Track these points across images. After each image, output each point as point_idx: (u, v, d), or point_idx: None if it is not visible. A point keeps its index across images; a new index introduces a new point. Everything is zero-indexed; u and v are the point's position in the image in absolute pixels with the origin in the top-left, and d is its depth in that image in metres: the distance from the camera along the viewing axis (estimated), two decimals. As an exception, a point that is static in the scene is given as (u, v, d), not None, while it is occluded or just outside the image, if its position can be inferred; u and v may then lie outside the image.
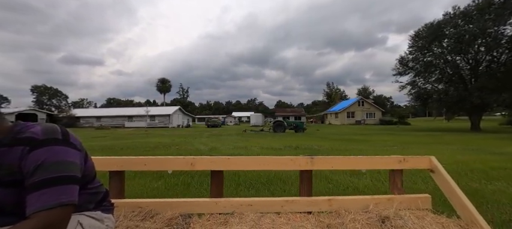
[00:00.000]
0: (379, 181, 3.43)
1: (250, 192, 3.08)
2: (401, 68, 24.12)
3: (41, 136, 0.76)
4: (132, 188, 3.13)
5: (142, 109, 31.23)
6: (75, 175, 0.78)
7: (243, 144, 9.28)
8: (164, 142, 10.14)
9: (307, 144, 9.02)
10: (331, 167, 1.57)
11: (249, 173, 3.71)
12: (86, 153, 0.92)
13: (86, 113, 34.83)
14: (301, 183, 1.57)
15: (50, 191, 0.71)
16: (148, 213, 1.37)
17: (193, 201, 1.49)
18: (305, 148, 7.91)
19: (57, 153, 0.76)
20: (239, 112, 73.55)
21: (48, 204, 0.69)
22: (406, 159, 1.58)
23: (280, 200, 1.51)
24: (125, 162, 1.49)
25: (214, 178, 1.54)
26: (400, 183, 1.59)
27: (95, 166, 1.02)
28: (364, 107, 40.32)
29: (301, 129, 18.74)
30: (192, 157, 1.53)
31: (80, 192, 0.81)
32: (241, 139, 11.47)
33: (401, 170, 1.60)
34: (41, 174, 0.72)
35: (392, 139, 11.65)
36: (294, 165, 1.54)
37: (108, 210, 1.03)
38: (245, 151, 7.26)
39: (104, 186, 1.07)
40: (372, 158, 1.59)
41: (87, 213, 0.93)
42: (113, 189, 1.46)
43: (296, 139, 11.91)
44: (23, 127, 0.80)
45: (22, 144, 0.75)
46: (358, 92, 74.53)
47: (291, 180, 3.50)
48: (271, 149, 7.67)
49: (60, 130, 0.81)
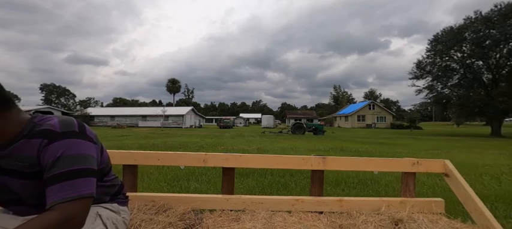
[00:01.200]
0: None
1: (261, 180, 3.26)
2: (418, 71, 24.08)
3: (59, 129, 0.77)
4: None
5: (159, 109, 31.44)
6: (93, 167, 0.80)
7: (282, 145, 9.34)
8: (198, 142, 10.22)
9: (348, 147, 9.05)
10: (343, 168, 1.57)
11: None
12: (101, 146, 0.92)
13: (100, 111, 35.07)
14: (312, 182, 1.57)
15: (69, 184, 0.72)
16: (162, 207, 1.38)
17: (205, 196, 1.52)
18: (349, 150, 7.94)
19: (75, 146, 0.77)
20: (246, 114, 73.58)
21: (68, 196, 0.70)
22: (419, 162, 1.56)
23: (291, 199, 1.51)
24: (139, 156, 1.52)
25: (225, 175, 1.55)
26: (413, 186, 1.58)
27: (111, 160, 1.03)
28: (374, 110, 40.20)
29: (320, 131, 18.73)
30: (204, 154, 1.54)
31: (96, 185, 0.82)
32: (271, 140, 11.52)
33: (414, 173, 1.58)
34: (60, 166, 0.73)
35: (420, 144, 11.62)
36: (306, 164, 1.54)
37: (123, 202, 1.05)
38: (294, 152, 7.32)
39: (119, 179, 1.07)
40: (384, 160, 1.58)
41: (104, 205, 0.95)
42: (127, 183, 1.49)
43: (327, 141, 11.94)
44: (41, 119, 0.81)
45: (40, 137, 0.75)
46: (365, 95, 74.40)
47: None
48: (318, 151, 7.72)
49: (76, 123, 0.82)
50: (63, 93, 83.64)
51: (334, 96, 72.02)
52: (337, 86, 72.97)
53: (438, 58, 22.26)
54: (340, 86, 72.82)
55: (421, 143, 11.76)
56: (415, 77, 24.33)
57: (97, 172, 0.82)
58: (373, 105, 40.77)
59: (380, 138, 15.42)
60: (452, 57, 21.74)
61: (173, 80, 49.33)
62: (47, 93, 79.80)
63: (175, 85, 49.44)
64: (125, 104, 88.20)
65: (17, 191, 0.78)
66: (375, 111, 40.10)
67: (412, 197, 1.55)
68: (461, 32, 20.09)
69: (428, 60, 23.31)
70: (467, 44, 20.19)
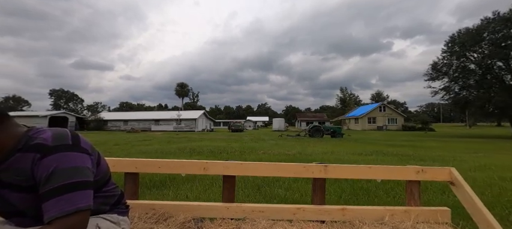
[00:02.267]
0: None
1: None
2: (434, 73, 23.89)
3: (51, 142, 0.76)
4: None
5: (174, 113, 31.63)
6: (89, 179, 0.79)
7: (318, 149, 9.28)
8: (229, 147, 10.22)
9: (383, 150, 8.96)
10: (346, 176, 1.55)
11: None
12: (98, 156, 0.92)
13: (113, 116, 35.42)
14: (313, 191, 1.55)
15: (65, 198, 0.72)
16: (162, 215, 1.38)
17: (205, 205, 1.51)
18: (391, 154, 7.86)
19: (69, 160, 0.76)
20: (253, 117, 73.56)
21: (65, 210, 0.71)
22: (424, 169, 1.52)
23: (292, 207, 1.49)
24: (140, 164, 1.52)
25: (226, 183, 1.54)
26: (418, 194, 1.54)
27: (111, 168, 1.02)
28: (385, 112, 39.90)
29: (339, 134, 18.63)
30: (205, 162, 1.54)
31: (95, 195, 0.81)
32: (301, 144, 11.48)
33: (418, 181, 1.55)
34: (55, 181, 0.72)
35: (451, 146, 11.47)
36: (307, 172, 1.52)
37: (123, 212, 1.04)
38: (333, 156, 7.27)
39: (119, 188, 1.06)
40: (387, 168, 1.55)
41: (104, 216, 0.94)
42: (128, 190, 1.48)
43: (356, 145, 11.85)
44: (35, 132, 0.80)
45: (33, 151, 0.75)
46: (372, 97, 73.94)
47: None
48: (360, 154, 7.66)
49: (70, 136, 0.81)
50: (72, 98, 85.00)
51: (341, 98, 71.72)
52: (344, 88, 72.76)
53: (455, 59, 22.07)
54: (346, 88, 72.27)
55: (450, 145, 11.61)
56: (431, 78, 24.12)
57: (93, 183, 0.82)
58: (383, 107, 40.48)
59: (401, 140, 15.25)
60: (470, 58, 21.54)
61: (182, 84, 49.72)
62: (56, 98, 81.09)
63: (184, 89, 49.82)
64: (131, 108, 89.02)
65: (16, 204, 0.78)
66: (386, 113, 39.79)
67: (417, 206, 1.51)
68: (480, 32, 19.93)
69: (444, 61, 23.14)
70: (486, 45, 20.00)
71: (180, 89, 49.18)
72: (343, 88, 72.85)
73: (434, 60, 23.71)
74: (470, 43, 19.97)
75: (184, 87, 49.55)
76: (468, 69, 21.66)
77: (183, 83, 49.65)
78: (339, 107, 73.08)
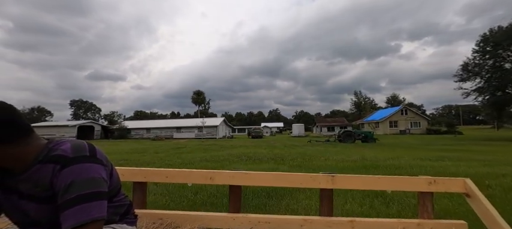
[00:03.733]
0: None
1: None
2: (465, 74, 23.07)
3: (71, 154, 0.79)
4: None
5: (198, 120, 32.04)
6: (104, 190, 0.81)
7: (374, 154, 9.02)
8: (267, 153, 10.11)
9: (436, 156, 8.58)
10: (354, 187, 1.50)
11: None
12: (111, 168, 0.94)
13: (136, 124, 36.25)
14: (321, 202, 1.50)
15: (82, 208, 0.74)
16: (169, 225, 1.39)
17: (212, 215, 1.50)
18: (467, 160, 7.49)
19: (87, 170, 0.78)
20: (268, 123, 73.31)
21: (82, 220, 0.72)
22: (436, 180, 1.46)
23: (299, 219, 1.46)
24: (148, 174, 1.54)
25: (232, 193, 1.52)
26: (431, 206, 1.46)
27: (120, 177, 1.03)
28: (408, 115, 38.72)
29: (371, 139, 18.15)
30: (211, 171, 1.53)
31: (107, 205, 0.83)
32: (348, 150, 11.21)
33: (431, 193, 1.48)
34: (73, 191, 0.74)
35: (496, 150, 10.84)
36: (314, 183, 1.48)
37: (132, 222, 1.06)
38: (397, 161, 7.00)
39: (127, 198, 1.07)
40: (397, 178, 1.49)
41: (114, 226, 0.95)
42: (136, 200, 1.49)
43: (398, 150, 11.45)
44: (55, 145, 0.83)
45: (53, 162, 0.78)
46: (387, 100, 72.15)
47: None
48: (420, 159, 7.35)
49: (87, 147, 0.84)
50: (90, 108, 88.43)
51: (356, 102, 70.36)
52: (358, 92, 71.40)
53: (488, 58, 21.25)
54: (360, 92, 70.89)
55: (499, 149, 10.99)
56: (462, 79, 23.30)
57: (107, 194, 0.84)
58: (405, 110, 39.32)
59: (441, 145, 14.62)
60: (505, 58, 20.66)
61: (198, 91, 50.56)
62: (76, 108, 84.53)
63: (200, 96, 50.54)
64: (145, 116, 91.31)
65: (32, 215, 0.81)
66: (408, 117, 38.60)
67: (430, 219, 1.44)
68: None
69: (475, 61, 22.34)
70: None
71: (196, 97, 49.99)
72: (357, 92, 71.53)
73: (465, 61, 22.94)
74: (508, 42, 19.17)
75: (200, 94, 50.32)
76: (503, 68, 20.76)
77: (199, 90, 50.52)
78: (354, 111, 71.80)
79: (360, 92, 71.02)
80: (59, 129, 28.65)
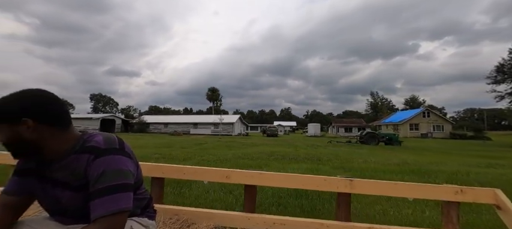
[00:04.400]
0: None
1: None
2: (499, 75, 21.62)
3: (103, 145, 0.83)
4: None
5: (216, 117, 32.41)
6: (131, 182, 0.84)
7: (407, 158, 8.59)
8: (292, 152, 9.90)
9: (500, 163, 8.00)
10: (374, 192, 1.45)
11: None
12: (137, 161, 0.96)
13: (155, 119, 37.20)
14: (338, 206, 1.48)
15: (111, 198, 0.77)
16: (185, 221, 1.40)
17: (227, 214, 1.51)
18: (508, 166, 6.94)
19: (116, 162, 0.82)
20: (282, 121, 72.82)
21: (110, 210, 0.76)
22: (464, 190, 1.39)
23: (315, 222, 1.44)
24: (166, 170, 1.56)
25: (247, 192, 1.53)
26: (456, 217, 1.40)
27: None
28: (430, 118, 36.99)
29: (396, 141, 17.45)
30: (227, 170, 1.54)
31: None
32: (382, 153, 10.80)
33: (458, 203, 1.41)
34: (103, 181, 0.78)
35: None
36: (331, 186, 1.45)
37: (152, 216, 1.08)
38: (444, 167, 6.58)
39: (148, 192, 1.10)
40: (421, 186, 1.43)
41: (136, 219, 0.97)
42: (153, 194, 1.47)
43: (433, 155, 10.87)
44: (88, 136, 0.87)
45: (88, 152, 0.82)
46: (406, 102, 69.37)
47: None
48: (467, 166, 6.87)
49: (117, 140, 0.87)
50: (108, 102, 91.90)
51: (372, 103, 68.30)
52: (375, 93, 69.29)
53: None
54: (377, 92, 68.72)
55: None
56: (495, 81, 21.86)
57: (133, 186, 0.86)
58: (428, 112, 37.59)
59: (473, 150, 13.75)
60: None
61: (213, 88, 51.03)
62: (95, 102, 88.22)
63: (215, 93, 50.98)
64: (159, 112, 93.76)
65: (64, 202, 0.85)
66: (431, 119, 36.87)
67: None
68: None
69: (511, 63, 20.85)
70: None
71: (211, 94, 50.50)
72: (373, 92, 69.45)
73: (500, 62, 21.46)
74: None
75: (215, 91, 50.76)
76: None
77: (214, 87, 50.95)
78: (369, 112, 69.73)
79: (376, 93, 69.05)
80: (82, 121, 29.98)
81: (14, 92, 0.79)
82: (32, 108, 0.77)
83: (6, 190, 0.87)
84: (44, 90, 0.83)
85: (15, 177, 0.89)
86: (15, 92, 0.79)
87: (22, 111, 0.76)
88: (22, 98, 0.78)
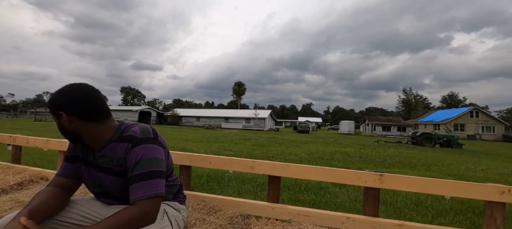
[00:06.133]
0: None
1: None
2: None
3: (140, 135, 0.92)
4: None
5: (251, 111, 32.50)
6: (164, 170, 0.94)
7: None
8: (357, 152, 9.18)
9: None
10: (405, 188, 1.39)
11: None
12: (168, 151, 1.05)
13: (187, 112, 38.22)
14: (365, 201, 1.46)
15: (147, 183, 0.86)
16: (212, 208, 1.45)
17: (252, 202, 1.55)
18: None
19: (152, 150, 0.91)
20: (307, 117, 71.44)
21: (146, 194, 0.85)
22: (511, 190, 1.31)
23: (341, 216, 1.43)
24: (193, 159, 1.64)
25: (271, 183, 1.57)
26: (501, 219, 1.33)
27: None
28: (479, 118, 33.67)
29: (456, 144, 15.91)
30: (252, 160, 1.58)
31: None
32: (453, 158, 9.76)
33: (503, 204, 1.34)
34: (140, 168, 0.87)
35: None
36: (359, 180, 1.43)
37: (182, 201, 1.16)
38: None
39: (178, 179, 1.19)
40: (460, 183, 1.37)
41: (169, 203, 1.06)
42: (182, 181, 1.50)
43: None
44: (126, 126, 0.96)
45: (126, 141, 0.91)
46: (443, 99, 64.09)
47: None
48: None
49: (152, 131, 0.96)
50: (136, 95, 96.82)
51: (404, 101, 64.04)
52: (408, 89, 64.73)
53: None
54: (410, 89, 64.22)
55: None
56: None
57: (165, 173, 0.95)
58: (476, 112, 34.22)
59: None
60: None
61: (239, 83, 51.17)
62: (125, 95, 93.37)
63: (241, 88, 51.07)
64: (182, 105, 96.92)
65: (107, 185, 0.95)
66: (480, 120, 33.55)
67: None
68: None
69: None
70: None
71: (237, 88, 50.74)
72: (406, 89, 64.93)
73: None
74: None
75: (241, 85, 50.88)
76: None
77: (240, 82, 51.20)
78: (400, 110, 65.62)
79: (409, 89, 64.44)
80: (123, 113, 31.78)
81: (61, 87, 0.89)
82: (67, 104, 0.86)
83: (59, 173, 1.00)
84: (85, 87, 0.91)
85: (65, 163, 1.01)
86: (62, 87, 0.89)
87: (59, 106, 0.87)
88: (62, 94, 0.88)
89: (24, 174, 1.95)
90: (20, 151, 2.37)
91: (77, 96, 0.88)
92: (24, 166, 2.18)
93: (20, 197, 1.50)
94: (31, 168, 2.11)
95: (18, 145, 2.31)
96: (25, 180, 1.85)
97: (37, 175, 1.97)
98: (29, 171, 2.03)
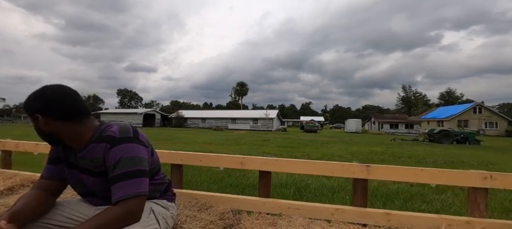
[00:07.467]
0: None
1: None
2: None
3: (118, 135, 0.90)
4: None
5: (262, 112, 32.09)
6: (146, 169, 0.92)
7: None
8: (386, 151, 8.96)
9: None
10: (392, 178, 1.44)
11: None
12: (152, 149, 1.05)
13: (192, 114, 37.52)
14: (354, 192, 1.50)
15: (128, 183, 0.85)
16: (204, 205, 1.46)
17: (243, 198, 1.57)
18: None
19: (131, 150, 0.89)
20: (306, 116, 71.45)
21: (128, 194, 0.84)
22: (493, 176, 1.34)
23: (331, 207, 1.45)
24: (184, 157, 1.64)
25: (262, 178, 1.58)
26: (484, 204, 1.36)
27: (160, 159, 1.15)
28: (482, 114, 34.17)
29: (473, 140, 15.94)
30: (242, 157, 1.58)
31: (149, 183, 0.93)
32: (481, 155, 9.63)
33: (485, 189, 1.37)
34: (120, 168, 0.86)
35: None
36: (347, 172, 1.47)
37: (171, 199, 1.15)
38: None
39: (167, 177, 1.18)
40: (445, 171, 1.40)
41: (156, 201, 1.05)
42: (173, 180, 1.61)
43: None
44: (105, 126, 0.95)
45: (105, 141, 0.89)
46: (441, 96, 65.09)
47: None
48: None
49: (131, 130, 0.95)
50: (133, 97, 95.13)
51: (404, 98, 64.74)
52: (407, 86, 65.48)
53: None
54: (410, 86, 65.00)
55: None
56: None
57: (148, 172, 0.94)
58: (479, 108, 34.73)
59: None
60: None
61: (241, 83, 50.74)
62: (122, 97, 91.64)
63: (243, 88, 50.62)
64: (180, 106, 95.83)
65: (89, 186, 0.95)
66: (483, 116, 34.06)
67: (481, 217, 1.35)
68: None
69: None
70: None
71: (239, 88, 50.24)
72: (406, 86, 65.66)
73: None
74: None
75: (243, 86, 50.38)
76: None
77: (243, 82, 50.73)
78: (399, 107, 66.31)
79: (409, 86, 65.18)
80: (127, 116, 30.91)
81: (37, 89, 0.88)
82: (42, 105, 0.85)
83: (42, 176, 1.00)
84: (60, 88, 0.89)
85: (49, 165, 1.00)
86: (37, 89, 0.88)
87: (34, 108, 0.86)
88: (37, 96, 0.86)
89: (15, 179, 1.92)
90: (10, 156, 2.34)
91: (52, 98, 0.86)
92: (15, 171, 2.14)
93: (10, 202, 1.46)
94: (22, 172, 2.09)
95: (8, 150, 2.29)
96: (16, 185, 1.83)
97: (28, 179, 1.95)
98: (20, 175, 2.02)
